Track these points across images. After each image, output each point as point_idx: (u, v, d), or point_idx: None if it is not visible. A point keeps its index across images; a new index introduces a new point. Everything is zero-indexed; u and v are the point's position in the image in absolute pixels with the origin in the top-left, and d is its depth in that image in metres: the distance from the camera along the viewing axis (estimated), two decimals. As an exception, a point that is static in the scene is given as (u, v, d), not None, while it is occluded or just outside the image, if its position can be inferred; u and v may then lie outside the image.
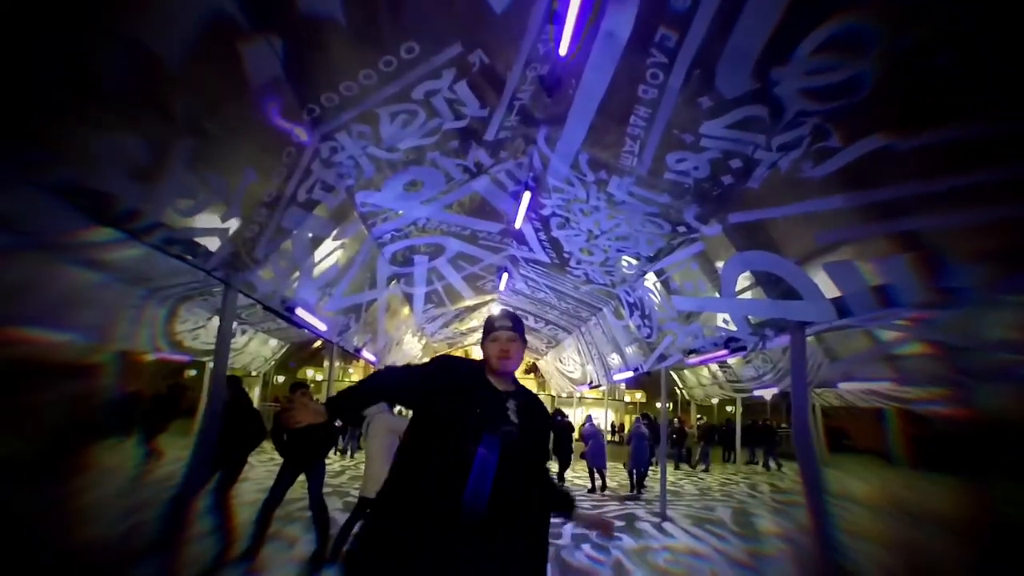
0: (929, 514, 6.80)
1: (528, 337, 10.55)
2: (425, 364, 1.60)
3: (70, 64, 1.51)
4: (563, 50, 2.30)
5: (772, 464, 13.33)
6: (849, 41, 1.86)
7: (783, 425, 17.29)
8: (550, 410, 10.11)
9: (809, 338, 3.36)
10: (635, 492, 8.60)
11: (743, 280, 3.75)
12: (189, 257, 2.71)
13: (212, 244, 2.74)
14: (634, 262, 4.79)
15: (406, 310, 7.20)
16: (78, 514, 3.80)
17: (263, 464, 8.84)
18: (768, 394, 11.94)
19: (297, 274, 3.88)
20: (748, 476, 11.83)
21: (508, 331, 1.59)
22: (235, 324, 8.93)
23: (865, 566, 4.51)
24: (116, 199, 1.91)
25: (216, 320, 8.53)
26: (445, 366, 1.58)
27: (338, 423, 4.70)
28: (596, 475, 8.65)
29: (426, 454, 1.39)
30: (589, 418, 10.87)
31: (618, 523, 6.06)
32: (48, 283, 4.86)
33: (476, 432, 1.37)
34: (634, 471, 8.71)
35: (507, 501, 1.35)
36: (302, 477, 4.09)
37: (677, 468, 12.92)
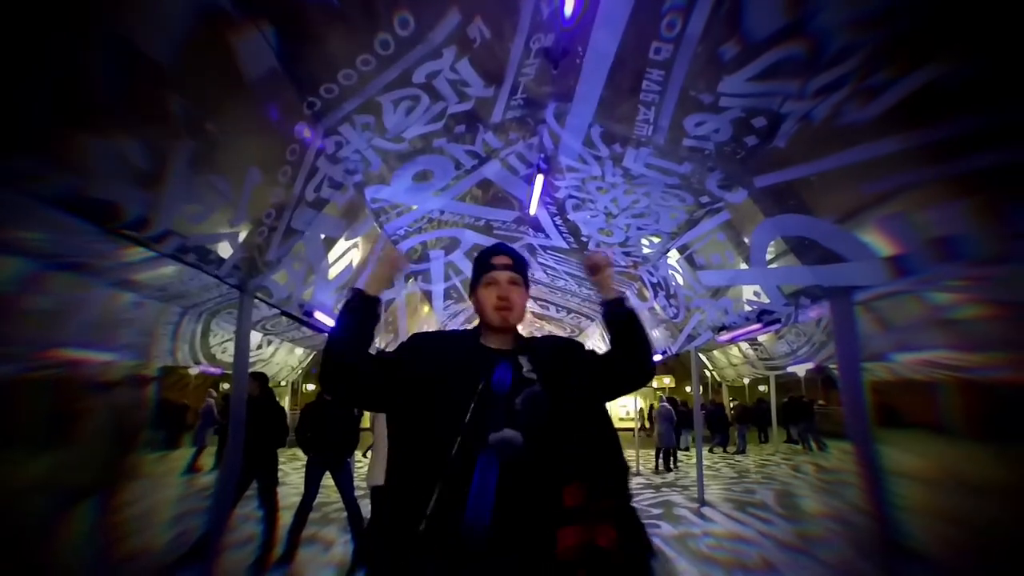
0: (992, 486, 6.42)
1: (551, 327, 10.44)
2: (391, 352, 1.20)
3: (57, 65, 1.44)
4: (568, 10, 2.15)
5: (812, 443, 12.73)
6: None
7: (820, 402, 16.66)
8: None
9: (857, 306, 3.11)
10: (663, 469, 9.23)
11: (773, 248, 3.53)
12: (203, 265, 2.68)
13: (224, 250, 2.70)
14: (656, 240, 4.60)
15: (426, 308, 7.15)
16: (125, 525, 3.86)
17: (296, 471, 8.97)
18: (801, 370, 11.49)
19: (312, 276, 3.84)
20: (789, 456, 11.45)
21: (508, 271, 1.21)
22: (261, 335, 9.10)
23: (926, 542, 4.26)
24: (122, 207, 1.86)
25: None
26: (414, 349, 1.18)
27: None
28: None
29: (410, 466, 1.05)
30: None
31: (654, 510, 5.90)
32: (86, 306, 5.02)
33: (474, 430, 1.01)
34: (660, 450, 9.37)
35: (528, 510, 0.99)
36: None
37: (712, 451, 12.64)
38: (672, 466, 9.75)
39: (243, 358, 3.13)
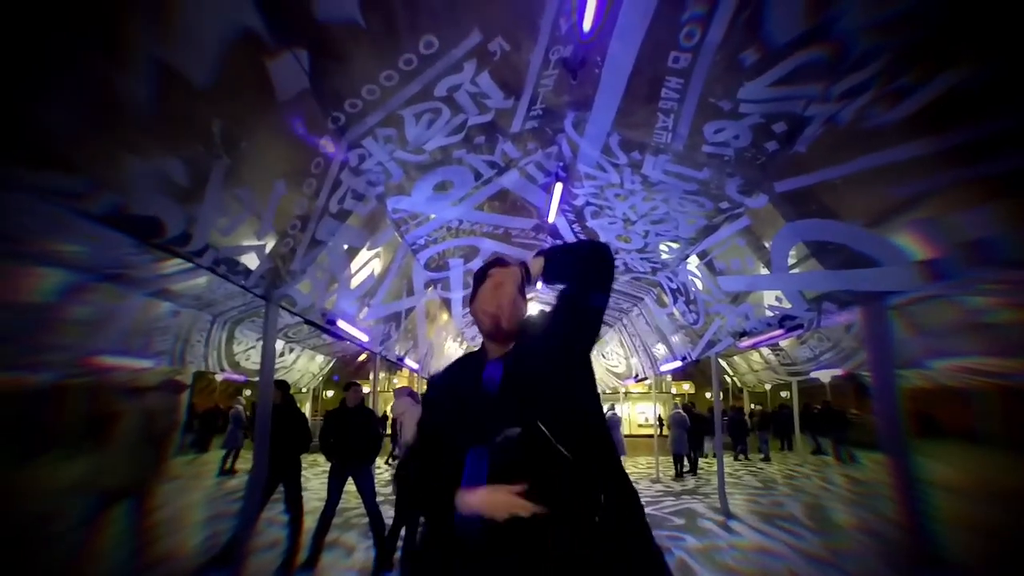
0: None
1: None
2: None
3: (101, 89, 1.53)
4: (587, 25, 2.18)
5: (844, 455, 12.01)
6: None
7: (853, 411, 16.06)
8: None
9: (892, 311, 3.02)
10: (679, 475, 9.51)
11: (795, 253, 3.48)
12: (231, 276, 2.78)
13: (250, 261, 2.79)
14: (675, 245, 4.58)
15: (445, 315, 7.22)
16: (159, 527, 3.98)
17: (317, 477, 9.09)
18: (826, 376, 11.15)
19: (335, 285, 3.93)
20: (819, 468, 11.08)
21: (498, 279, 1.22)
22: (283, 343, 9.30)
23: (961, 555, 4.10)
24: (165, 223, 1.95)
25: (265, 340, 8.93)
26: (438, 380, 1.26)
27: (381, 431, 4.75)
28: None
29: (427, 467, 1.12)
30: (612, 407, 11.07)
31: (677, 520, 5.81)
32: (124, 314, 5.23)
33: (468, 435, 1.05)
34: (677, 456, 9.67)
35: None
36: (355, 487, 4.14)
37: (736, 459, 12.37)
38: (692, 472, 9.75)
39: (269, 366, 3.21)
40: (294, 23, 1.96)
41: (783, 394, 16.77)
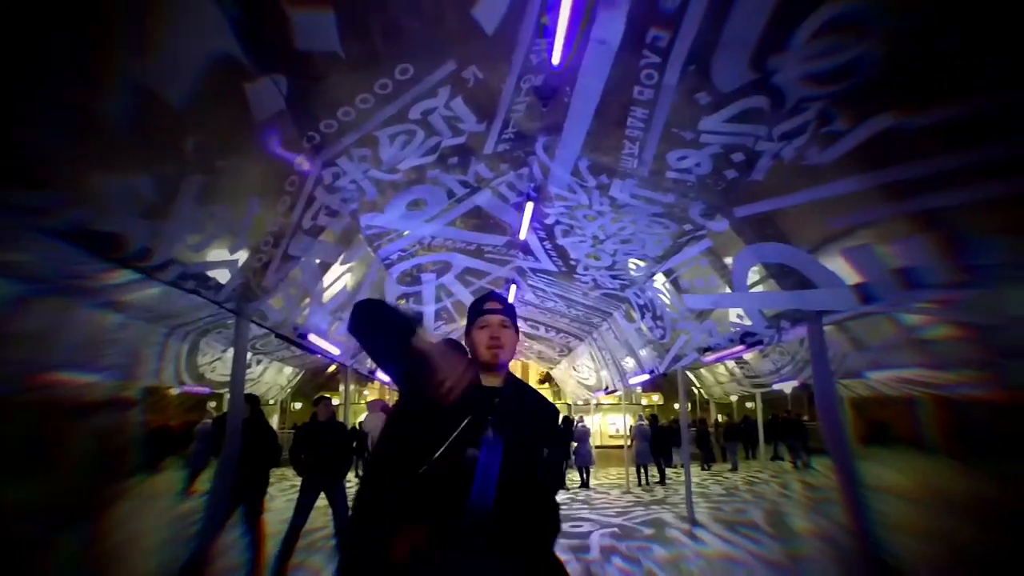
0: (970, 503, 6.56)
1: (540, 347, 10.52)
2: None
3: (77, 109, 1.54)
4: (556, 59, 2.31)
5: (800, 461, 12.75)
6: (847, 23, 1.84)
7: (804, 417, 16.81)
8: (562, 417, 10.08)
9: (830, 327, 3.28)
10: (645, 484, 9.89)
11: (754, 273, 3.69)
12: (201, 291, 2.74)
13: (222, 276, 2.77)
14: (642, 264, 4.75)
15: (417, 328, 7.20)
16: (111, 552, 3.80)
17: (283, 493, 8.81)
18: (787, 387, 11.66)
19: (307, 300, 3.90)
20: (777, 474, 11.52)
21: (498, 315, 1.34)
22: (251, 355, 9.04)
23: (908, 560, 4.35)
24: (128, 239, 1.93)
25: (232, 352, 8.69)
26: (451, 345, 1.35)
27: (354, 444, 4.69)
28: (585, 472, 9.95)
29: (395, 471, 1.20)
30: (581, 419, 11.32)
31: (646, 530, 5.93)
32: (73, 327, 4.99)
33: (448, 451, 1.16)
34: (640, 467, 10.17)
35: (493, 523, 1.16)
36: (324, 504, 4.07)
37: (703, 469, 12.69)
38: (660, 482, 10.01)
39: (239, 379, 3.17)
40: (273, 51, 2.00)
41: (748, 405, 17.31)
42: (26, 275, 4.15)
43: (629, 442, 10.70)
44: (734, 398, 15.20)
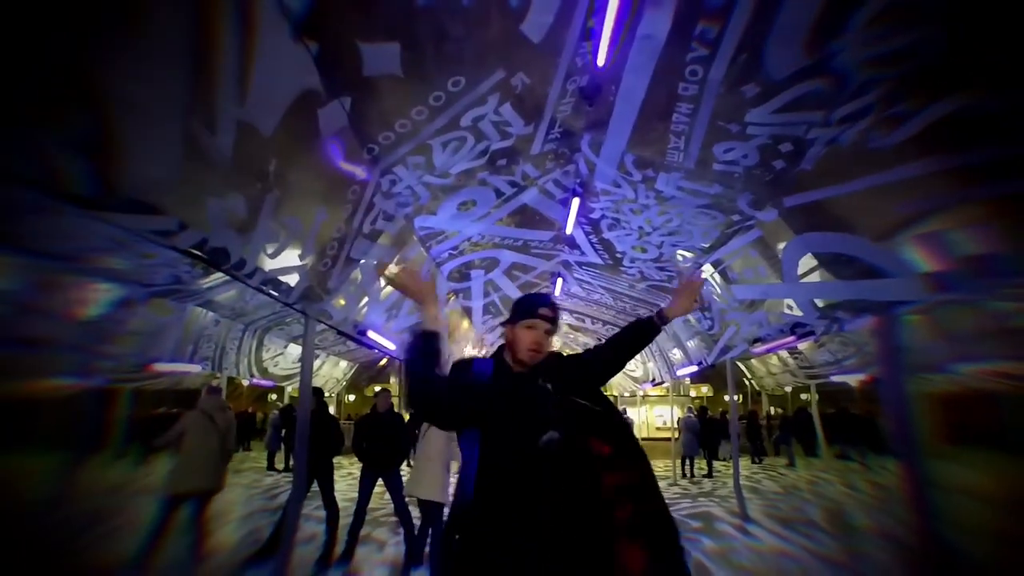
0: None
1: (586, 339, 10.54)
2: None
3: (188, 142, 1.79)
4: (600, 61, 2.37)
5: (857, 458, 11.81)
6: (907, 3, 1.79)
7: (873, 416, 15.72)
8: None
9: (909, 317, 3.12)
10: (689, 476, 9.98)
11: (805, 263, 3.59)
12: (275, 293, 3.04)
13: (292, 280, 3.05)
14: (689, 255, 4.71)
15: (466, 323, 7.44)
16: (211, 522, 4.28)
17: (343, 479, 9.40)
18: (854, 380, 11.02)
19: (366, 299, 4.18)
20: (843, 474, 10.85)
21: (548, 322, 1.43)
22: (309, 349, 9.66)
23: (981, 563, 4.12)
24: (230, 251, 2.21)
25: (291, 347, 9.34)
26: (461, 368, 1.46)
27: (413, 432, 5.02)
28: None
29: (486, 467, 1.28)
30: (624, 410, 11.15)
31: (693, 523, 5.91)
32: (175, 324, 5.62)
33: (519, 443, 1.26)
34: (686, 459, 10.18)
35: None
36: (380, 489, 4.38)
37: (753, 463, 12.31)
38: (708, 475, 9.82)
39: (307, 375, 3.46)
40: (344, 78, 2.20)
41: (803, 396, 16.53)
42: (134, 279, 4.70)
43: (676, 434, 10.55)
44: (788, 389, 14.59)
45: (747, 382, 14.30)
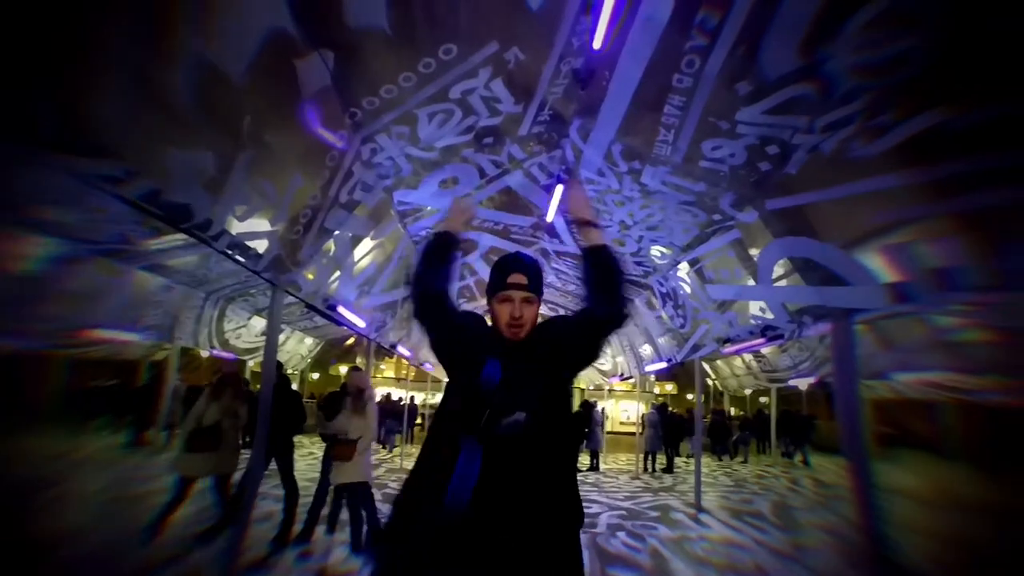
0: (987, 509, 6.50)
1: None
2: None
3: (146, 83, 1.63)
4: (597, 43, 2.31)
5: (797, 457, 12.58)
6: (904, 11, 1.80)
7: (814, 417, 16.55)
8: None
9: (858, 326, 3.24)
10: (650, 471, 9.98)
11: (780, 267, 3.68)
12: (242, 260, 2.88)
13: (261, 247, 2.89)
14: (667, 252, 4.76)
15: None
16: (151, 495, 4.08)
17: (303, 458, 9.19)
18: (804, 383, 11.55)
19: (338, 273, 4.04)
20: (787, 469, 11.51)
21: (522, 290, 1.27)
22: (274, 323, 9.34)
23: (916, 560, 4.39)
24: (191, 209, 2.05)
25: (255, 320, 8.99)
26: (468, 321, 1.37)
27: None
28: (595, 456, 10.12)
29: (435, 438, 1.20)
30: (594, 404, 11.22)
31: (652, 513, 6.06)
32: (119, 288, 5.26)
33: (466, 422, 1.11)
34: (647, 454, 10.22)
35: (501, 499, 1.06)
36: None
37: (719, 459, 12.74)
38: (668, 470, 10.14)
39: (272, 348, 3.32)
40: (324, 24, 2.06)
41: (762, 399, 17.22)
42: (78, 236, 4.38)
43: (641, 429, 10.79)
44: (748, 391, 15.14)
45: (710, 382, 14.76)
